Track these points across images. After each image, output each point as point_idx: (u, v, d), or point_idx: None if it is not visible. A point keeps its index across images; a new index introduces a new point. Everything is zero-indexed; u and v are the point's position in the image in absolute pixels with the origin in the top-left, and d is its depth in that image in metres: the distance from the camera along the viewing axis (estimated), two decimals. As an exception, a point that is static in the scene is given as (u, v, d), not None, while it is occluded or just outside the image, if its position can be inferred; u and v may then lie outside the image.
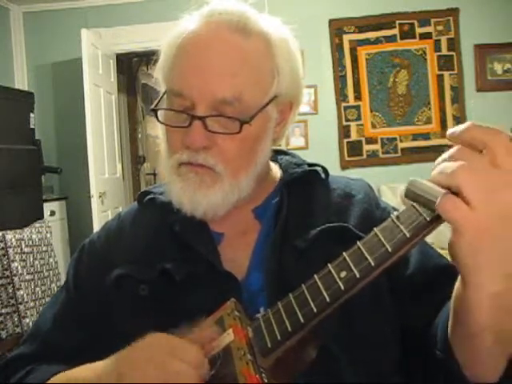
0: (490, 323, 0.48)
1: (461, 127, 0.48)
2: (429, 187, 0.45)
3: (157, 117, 0.75)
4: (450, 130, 0.49)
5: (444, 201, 0.44)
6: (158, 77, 0.79)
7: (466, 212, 0.44)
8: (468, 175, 0.44)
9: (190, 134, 0.70)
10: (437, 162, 0.49)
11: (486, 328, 0.49)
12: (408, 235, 0.47)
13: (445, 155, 0.48)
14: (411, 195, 0.47)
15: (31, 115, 3.41)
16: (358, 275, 0.49)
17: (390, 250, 0.48)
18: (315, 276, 0.53)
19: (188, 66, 0.72)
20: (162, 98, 0.76)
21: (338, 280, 0.50)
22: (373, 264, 0.48)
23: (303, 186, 0.81)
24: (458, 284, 0.52)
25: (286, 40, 0.76)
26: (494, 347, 0.51)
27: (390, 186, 3.64)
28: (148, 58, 5.65)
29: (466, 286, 0.48)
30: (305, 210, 0.78)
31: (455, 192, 0.45)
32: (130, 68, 5.72)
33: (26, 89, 4.00)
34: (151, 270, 0.74)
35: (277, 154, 0.88)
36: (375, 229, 0.50)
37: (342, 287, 0.49)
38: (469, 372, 0.56)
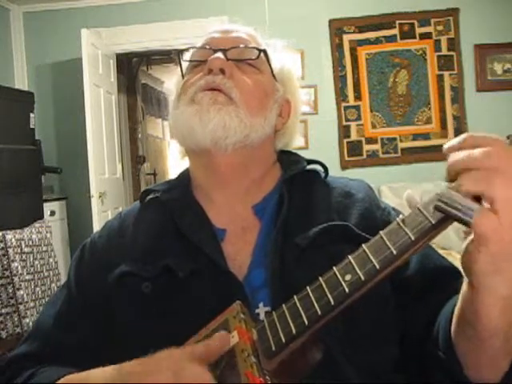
0: (501, 324, 0.50)
1: (457, 139, 0.49)
2: (463, 200, 0.46)
3: (180, 64, 0.85)
4: (446, 145, 0.49)
5: (481, 216, 0.45)
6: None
7: (496, 226, 0.45)
8: (505, 191, 0.45)
9: (211, 59, 0.77)
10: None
11: (497, 330, 0.50)
12: (413, 238, 0.48)
13: (476, 150, 0.47)
14: (443, 208, 0.46)
15: (31, 115, 3.40)
16: (362, 278, 0.49)
17: (394, 252, 0.48)
18: (320, 278, 0.53)
19: (212, 32, 0.85)
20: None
21: (342, 283, 0.50)
22: (378, 267, 0.49)
23: (303, 183, 0.82)
24: (465, 289, 0.53)
25: (286, 62, 0.89)
26: (502, 347, 0.52)
27: (389, 186, 3.64)
28: (148, 58, 5.66)
29: (478, 290, 0.49)
30: (305, 208, 0.78)
31: (478, 197, 0.46)
32: (130, 68, 5.72)
33: (26, 89, 3.98)
34: (154, 267, 0.74)
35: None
36: (381, 232, 0.51)
37: (347, 290, 0.50)
38: (472, 372, 0.57)
